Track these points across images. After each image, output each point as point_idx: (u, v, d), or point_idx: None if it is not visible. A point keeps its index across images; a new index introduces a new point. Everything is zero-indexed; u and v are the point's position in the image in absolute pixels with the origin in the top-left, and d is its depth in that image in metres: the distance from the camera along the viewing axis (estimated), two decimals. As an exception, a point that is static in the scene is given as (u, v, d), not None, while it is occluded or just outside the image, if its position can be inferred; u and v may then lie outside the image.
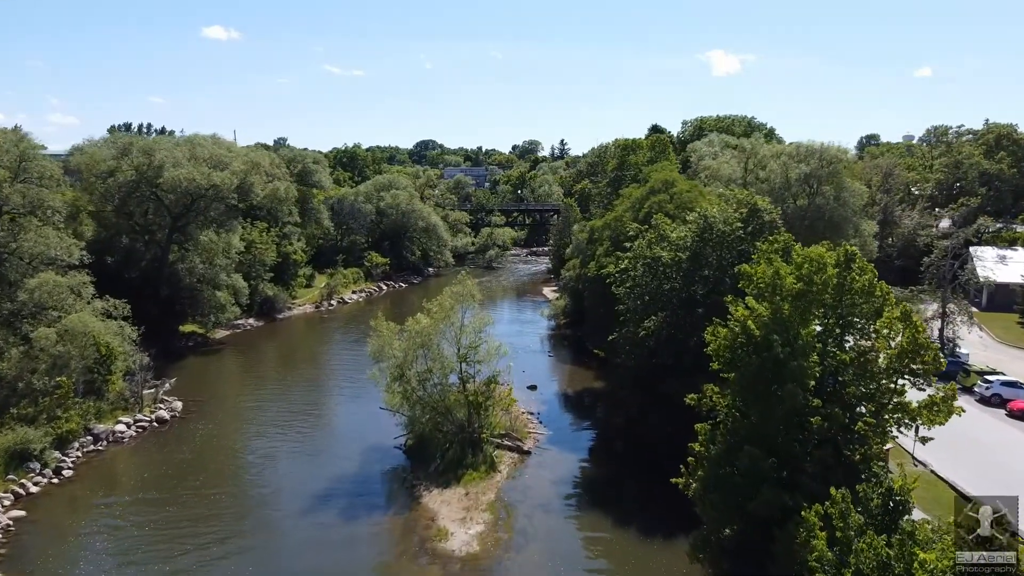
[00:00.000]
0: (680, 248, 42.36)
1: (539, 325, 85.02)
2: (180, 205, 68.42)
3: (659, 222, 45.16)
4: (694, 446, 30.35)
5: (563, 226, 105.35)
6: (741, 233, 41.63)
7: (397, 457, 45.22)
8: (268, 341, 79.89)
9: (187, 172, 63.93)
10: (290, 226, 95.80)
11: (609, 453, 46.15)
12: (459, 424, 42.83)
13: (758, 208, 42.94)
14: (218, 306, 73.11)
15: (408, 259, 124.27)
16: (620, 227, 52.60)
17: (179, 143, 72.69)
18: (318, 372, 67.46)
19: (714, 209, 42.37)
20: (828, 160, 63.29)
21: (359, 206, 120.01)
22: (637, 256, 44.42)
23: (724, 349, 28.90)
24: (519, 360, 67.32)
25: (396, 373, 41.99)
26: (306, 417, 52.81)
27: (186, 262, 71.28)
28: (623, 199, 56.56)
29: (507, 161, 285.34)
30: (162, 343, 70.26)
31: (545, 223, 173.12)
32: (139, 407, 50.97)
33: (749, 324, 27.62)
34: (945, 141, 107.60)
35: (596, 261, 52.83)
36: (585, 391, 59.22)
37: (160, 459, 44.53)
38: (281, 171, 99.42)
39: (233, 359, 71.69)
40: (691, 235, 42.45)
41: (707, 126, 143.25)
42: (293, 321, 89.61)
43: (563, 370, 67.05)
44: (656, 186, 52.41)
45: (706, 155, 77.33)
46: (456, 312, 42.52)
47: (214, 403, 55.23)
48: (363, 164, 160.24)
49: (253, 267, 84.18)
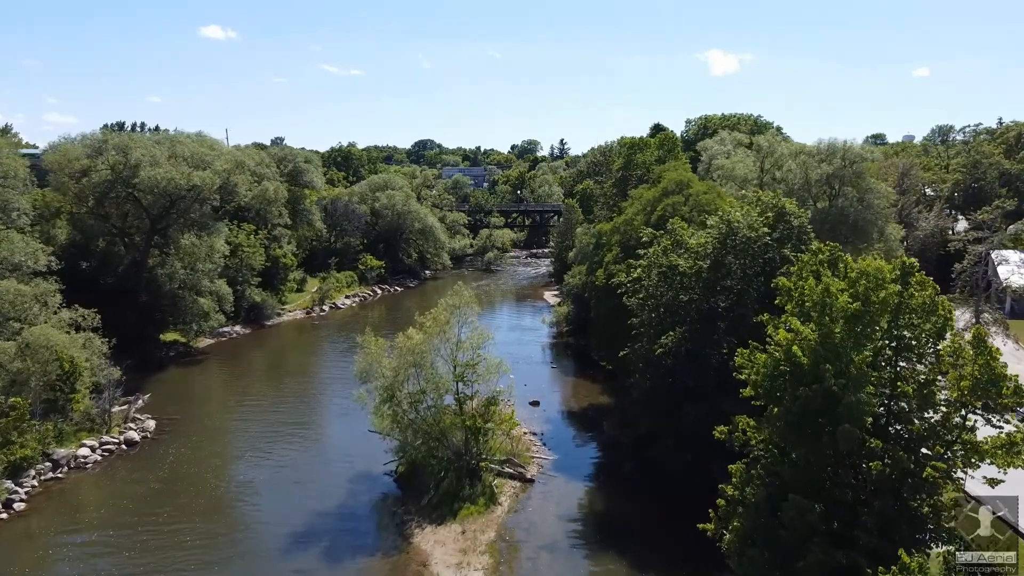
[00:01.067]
0: (700, 256, 38.25)
1: (540, 333, 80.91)
2: (159, 207, 64.21)
3: (675, 227, 41.06)
4: (726, 488, 26.22)
5: (565, 228, 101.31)
6: (768, 240, 37.54)
7: (387, 485, 41.10)
8: (255, 350, 75.72)
9: (165, 172, 59.71)
10: (280, 228, 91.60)
11: (620, 481, 41.99)
12: (455, 450, 38.69)
13: (786, 211, 38.86)
14: (201, 314, 68.97)
15: (404, 262, 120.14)
16: (631, 232, 48.50)
17: (159, 140, 68.48)
18: (305, 385, 63.27)
19: (737, 213, 38.26)
20: (851, 159, 59.22)
21: (353, 207, 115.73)
22: (651, 264, 40.30)
23: (764, 378, 24.79)
24: (520, 371, 63.27)
25: (385, 394, 37.81)
26: (290, 437, 48.64)
27: (166, 267, 67.09)
28: (633, 201, 52.44)
29: (506, 161, 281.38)
30: (141, 353, 66.17)
31: (545, 224, 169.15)
32: (107, 428, 46.78)
33: (795, 351, 23.50)
34: (961, 140, 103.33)
35: (605, 268, 48.70)
36: (591, 407, 55.07)
37: (124, 488, 40.34)
38: (271, 171, 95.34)
39: (216, 370, 67.50)
40: (712, 241, 38.35)
41: (712, 124, 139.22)
42: (282, 328, 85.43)
43: (567, 383, 62.92)
44: (669, 187, 48.31)
45: (718, 154, 73.17)
46: (452, 326, 38.37)
47: (190, 421, 51.01)
48: (358, 164, 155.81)
49: (240, 272, 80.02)
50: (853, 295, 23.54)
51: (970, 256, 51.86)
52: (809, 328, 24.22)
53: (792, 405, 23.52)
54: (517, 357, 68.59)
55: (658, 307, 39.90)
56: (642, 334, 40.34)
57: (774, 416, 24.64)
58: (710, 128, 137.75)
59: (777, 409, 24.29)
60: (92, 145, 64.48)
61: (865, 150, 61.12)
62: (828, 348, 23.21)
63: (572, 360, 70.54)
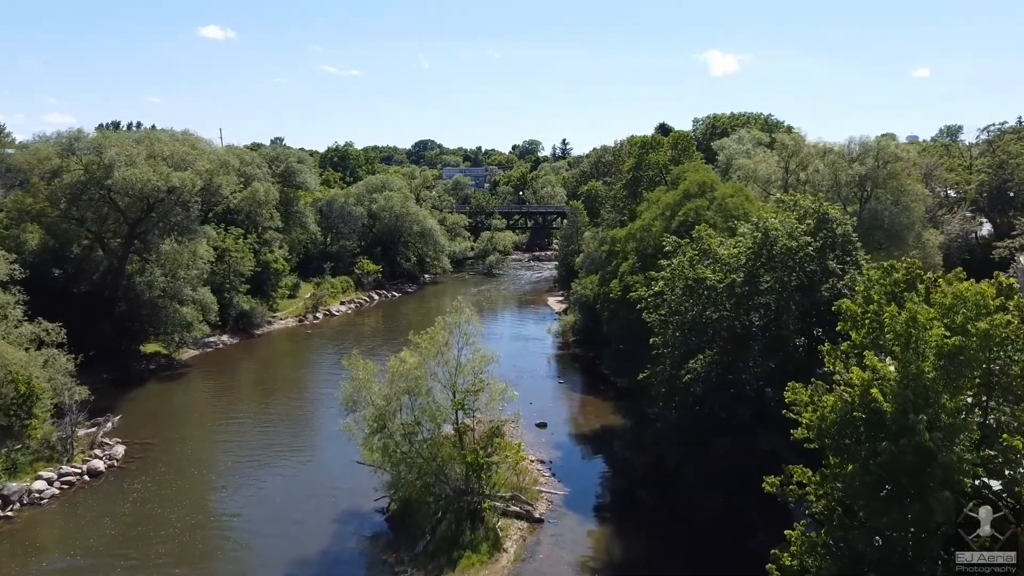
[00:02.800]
0: (731, 268, 33.71)
1: (545, 343, 76.35)
2: (136, 209, 59.68)
3: (702, 234, 36.53)
4: (782, 557, 21.61)
5: (570, 232, 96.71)
6: (811, 250, 33.00)
7: (377, 525, 36.56)
8: (242, 362, 71.18)
9: (140, 172, 55.15)
10: (271, 231, 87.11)
11: (639, 519, 37.38)
12: (455, 487, 34.14)
13: (828, 217, 34.28)
14: (183, 324, 64.46)
15: (402, 266, 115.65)
16: (648, 239, 44.00)
17: (139, 139, 63.90)
18: (293, 402, 58.69)
19: (774, 219, 33.72)
20: (885, 159, 54.67)
21: (349, 209, 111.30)
22: (675, 276, 35.76)
23: (832, 425, 20.25)
24: (524, 386, 58.71)
25: (375, 425, 33.26)
26: (273, 465, 44.11)
27: (146, 274, 62.60)
28: (650, 205, 47.89)
29: (507, 161, 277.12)
30: (118, 367, 61.99)
31: (548, 226, 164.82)
32: (68, 456, 42.27)
33: (875, 395, 18.96)
34: (984, 139, 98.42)
35: (620, 279, 44.14)
36: (602, 428, 50.51)
37: (82, 529, 35.77)
38: (262, 171, 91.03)
39: (199, 385, 62.95)
40: (745, 251, 33.82)
41: (721, 124, 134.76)
42: (273, 337, 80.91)
43: (575, 400, 58.33)
44: (691, 189, 43.76)
45: (737, 153, 68.52)
46: (451, 347, 33.82)
47: (165, 446, 46.45)
48: (355, 164, 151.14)
49: (227, 278, 75.60)
50: (949, 326, 19.02)
51: (1018, 264, 47.39)
52: (891, 366, 19.71)
53: (872, 462, 18.98)
54: (521, 370, 64.20)
55: (682, 325, 35.36)
56: (664, 355, 35.81)
57: (846, 473, 20.08)
58: (718, 127, 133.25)
59: (851, 466, 19.73)
60: (64, 143, 59.96)
61: (900, 148, 56.53)
62: (918, 393, 18.66)
63: (580, 374, 66.01)
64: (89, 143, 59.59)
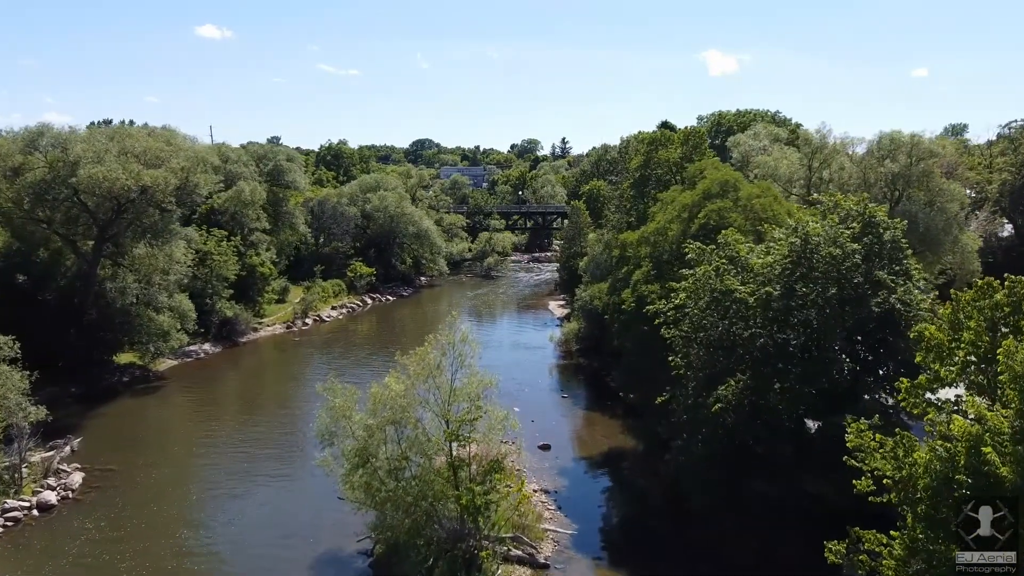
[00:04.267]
0: (766, 279, 29.37)
1: (546, 351, 72.10)
2: (106, 210, 55.21)
3: (728, 239, 32.19)
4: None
5: (573, 233, 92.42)
6: (858, 259, 28.67)
7: (360, 571, 32.18)
8: (223, 373, 66.73)
9: (107, 170, 50.62)
10: (258, 233, 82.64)
11: (657, 563, 32.95)
12: (449, 531, 29.76)
13: (875, 221, 29.97)
14: (159, 333, 60.03)
15: (397, 268, 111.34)
16: (664, 243, 39.63)
17: (111, 135, 59.34)
18: (276, 421, 54.19)
19: (815, 223, 29.38)
20: (919, 156, 50.35)
21: (342, 209, 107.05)
22: (699, 288, 31.41)
23: (924, 489, 15.90)
24: (525, 402, 54.63)
25: (357, 460, 28.94)
26: (248, 497, 39.74)
27: (117, 280, 58.14)
28: (664, 206, 43.50)
29: (506, 160, 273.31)
30: (88, 380, 57.81)
31: (548, 226, 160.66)
32: (16, 487, 37.84)
33: (988, 455, 14.60)
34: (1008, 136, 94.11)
35: (633, 289, 39.74)
36: (612, 451, 46.16)
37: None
38: (249, 170, 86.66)
39: (174, 400, 58.55)
40: (781, 260, 29.50)
41: (727, 121, 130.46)
42: (259, 345, 76.51)
43: (580, 417, 53.95)
44: (712, 189, 39.35)
45: (753, 150, 64.11)
46: (444, 370, 29.42)
47: (128, 473, 41.96)
48: (349, 162, 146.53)
49: (209, 283, 71.21)
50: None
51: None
52: (1002, 415, 15.37)
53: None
54: (521, 383, 60.01)
55: (708, 343, 31.05)
56: (687, 377, 31.48)
57: (941, 552, 15.73)
58: (724, 125, 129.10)
59: (953, 547, 15.36)
60: (28, 139, 55.51)
61: (935, 144, 52.16)
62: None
63: (584, 387, 61.68)
64: (54, 138, 55.19)
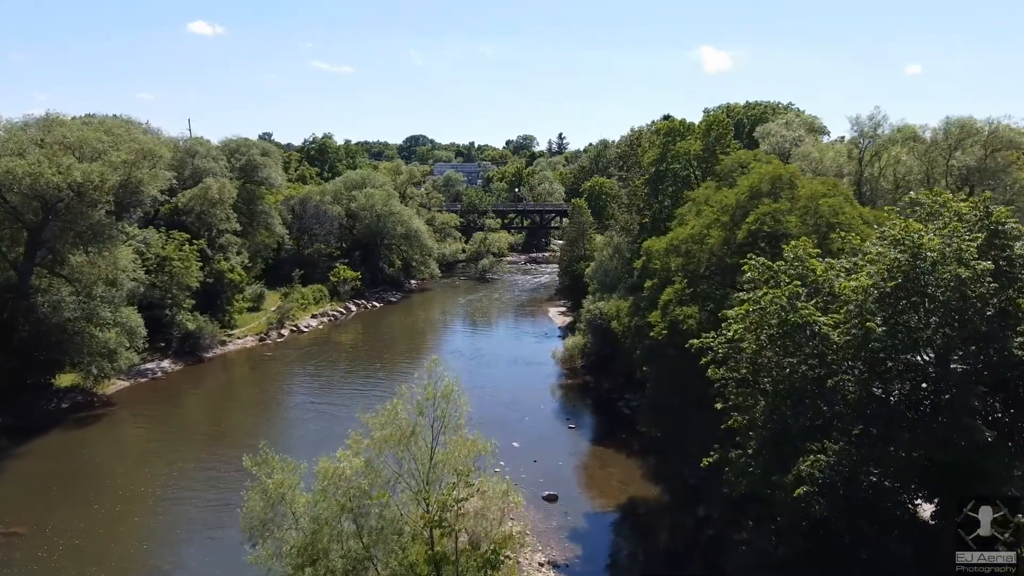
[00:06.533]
0: (858, 308, 21.51)
1: (548, 369, 64.12)
2: (33, 211, 47.11)
3: (799, 253, 24.32)
4: None
5: (575, 235, 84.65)
6: (989, 282, 20.82)
7: None
8: (181, 397, 58.43)
9: (29, 164, 42.54)
10: (227, 235, 74.51)
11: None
12: (428, 649, 21.92)
13: (1003, 230, 22.12)
14: (104, 352, 51.94)
15: (385, 272, 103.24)
16: (702, 254, 31.70)
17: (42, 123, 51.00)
18: (236, 458, 46.03)
19: (931, 236, 21.49)
20: (994, 147, 42.50)
21: (325, 208, 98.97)
22: (763, 319, 23.53)
23: None
24: (526, 435, 47.07)
25: (302, 559, 21.04)
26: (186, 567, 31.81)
27: (51, 293, 50.07)
28: (696, 206, 35.59)
29: (501, 157, 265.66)
30: (19, 409, 49.82)
31: (546, 225, 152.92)
32: None
33: None
34: None
35: (664, 311, 31.79)
36: (633, 503, 38.28)
37: None
38: (219, 165, 78.43)
39: (120, 432, 50.44)
40: (879, 283, 21.63)
41: (736, 113, 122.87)
42: (228, 361, 68.42)
43: (592, 455, 45.99)
44: (761, 186, 31.41)
45: (786, 140, 56.07)
46: (422, 435, 21.49)
47: (36, 539, 33.76)
48: (334, 158, 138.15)
49: (169, 292, 63.17)
50: None
51: None
52: None
53: None
54: (521, 408, 52.45)
55: (776, 391, 23.20)
56: (750, 437, 23.65)
57: None
58: (734, 118, 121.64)
59: None
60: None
61: (1016, 132, 44.11)
62: None
63: (593, 412, 53.90)
64: (-31, 128, 47.22)
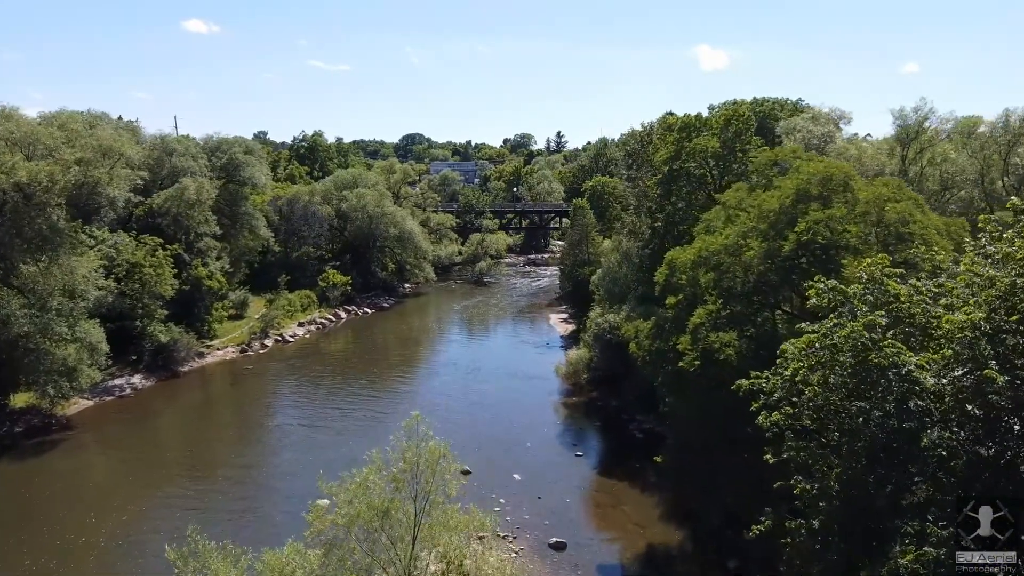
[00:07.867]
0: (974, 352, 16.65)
1: (551, 383, 59.29)
2: (-23, 216, 42.28)
3: (875, 273, 19.49)
4: None
5: (577, 237, 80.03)
6: None
7: None
8: (150, 417, 53.32)
9: (-36, 162, 37.73)
10: (206, 239, 69.53)
11: None
12: None
13: None
14: (62, 370, 47.17)
15: (378, 276, 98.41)
16: (739, 268, 26.82)
17: None
18: (207, 489, 41.16)
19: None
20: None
21: (314, 209, 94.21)
22: (831, 357, 18.68)
23: None
24: (529, 462, 42.43)
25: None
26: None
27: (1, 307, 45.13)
28: (729, 212, 30.71)
29: (498, 155, 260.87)
30: (-36, 433, 44.69)
31: (546, 226, 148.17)
32: None
33: None
34: None
35: (693, 335, 26.90)
36: (652, 549, 33.46)
37: None
38: (199, 164, 73.44)
39: (78, 460, 45.36)
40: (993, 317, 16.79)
41: (743, 111, 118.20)
42: (205, 375, 63.50)
43: (603, 489, 40.93)
44: (810, 188, 26.55)
45: (814, 135, 51.23)
46: (401, 518, 16.56)
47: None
48: (325, 156, 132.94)
49: (140, 302, 58.21)
50: None
51: None
52: None
53: None
54: (522, 432, 47.91)
55: (852, 449, 18.37)
56: (818, 508, 18.78)
57: None
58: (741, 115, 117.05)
59: None
60: None
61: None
62: None
63: (602, 436, 49.04)
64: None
